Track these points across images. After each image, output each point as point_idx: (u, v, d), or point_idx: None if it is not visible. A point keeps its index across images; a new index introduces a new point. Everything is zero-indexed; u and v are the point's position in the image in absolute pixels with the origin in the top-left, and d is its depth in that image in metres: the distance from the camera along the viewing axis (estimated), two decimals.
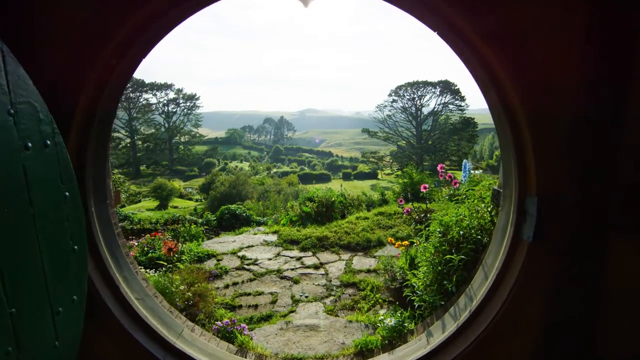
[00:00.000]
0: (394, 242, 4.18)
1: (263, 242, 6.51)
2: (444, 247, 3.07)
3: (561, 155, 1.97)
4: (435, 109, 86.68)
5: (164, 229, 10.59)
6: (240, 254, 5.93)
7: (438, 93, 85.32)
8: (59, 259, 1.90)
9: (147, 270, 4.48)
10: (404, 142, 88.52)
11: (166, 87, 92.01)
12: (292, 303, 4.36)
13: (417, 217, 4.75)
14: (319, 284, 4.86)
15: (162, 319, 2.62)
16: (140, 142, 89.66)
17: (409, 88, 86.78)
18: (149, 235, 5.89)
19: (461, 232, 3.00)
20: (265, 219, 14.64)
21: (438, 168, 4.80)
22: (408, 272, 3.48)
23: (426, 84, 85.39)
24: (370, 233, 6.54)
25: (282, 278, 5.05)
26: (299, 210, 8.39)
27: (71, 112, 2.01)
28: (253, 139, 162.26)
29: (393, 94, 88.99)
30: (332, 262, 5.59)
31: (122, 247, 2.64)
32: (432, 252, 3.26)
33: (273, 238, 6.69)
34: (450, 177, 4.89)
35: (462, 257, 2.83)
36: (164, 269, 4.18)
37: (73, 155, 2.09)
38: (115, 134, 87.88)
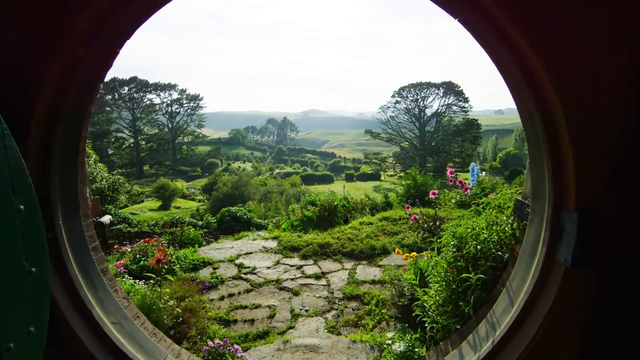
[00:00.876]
0: (401, 253, 3.87)
1: (262, 248, 6.21)
2: (459, 264, 2.75)
3: (609, 162, 1.66)
4: (439, 110, 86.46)
5: (162, 232, 10.32)
6: (237, 261, 5.63)
7: (441, 94, 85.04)
8: (10, 284, 1.61)
9: (137, 281, 4.18)
10: (407, 143, 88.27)
11: (170, 87, 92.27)
12: (291, 318, 4.05)
13: (425, 226, 4.42)
14: (320, 296, 4.55)
15: (142, 345, 2.32)
16: (143, 142, 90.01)
17: (412, 89, 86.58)
18: (142, 241, 5.61)
19: (478, 247, 2.68)
20: (266, 221, 14.35)
21: (448, 172, 4.47)
22: (418, 289, 3.17)
23: (429, 85, 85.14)
24: (374, 240, 6.22)
25: (281, 289, 4.74)
26: (300, 214, 8.09)
27: (29, 111, 1.72)
28: (256, 140, 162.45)
29: (396, 95, 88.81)
30: (334, 271, 5.28)
31: (98, 264, 2.35)
32: (445, 267, 2.94)
33: (273, 244, 6.39)
34: (460, 182, 4.56)
35: (481, 276, 2.51)
36: (152, 281, 3.88)
37: (33, 160, 1.80)
38: (119, 134, 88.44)
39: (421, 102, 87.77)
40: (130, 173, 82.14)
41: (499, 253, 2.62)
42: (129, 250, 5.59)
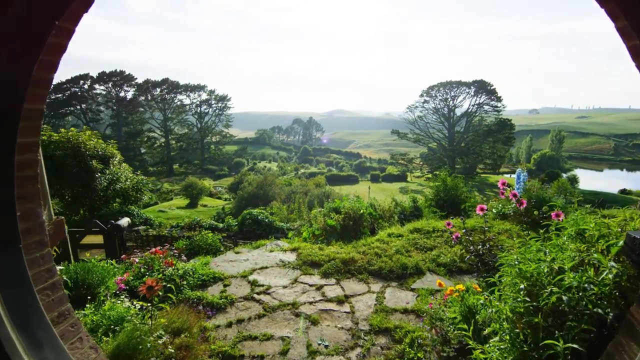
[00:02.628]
0: (444, 286, 3.12)
1: (279, 262, 5.60)
2: (535, 320, 1.99)
3: None
4: (469, 110, 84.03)
5: (181, 235, 10.00)
6: (251, 277, 5.05)
7: (472, 93, 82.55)
8: None
9: (135, 302, 3.67)
10: (435, 144, 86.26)
11: (199, 88, 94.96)
12: (308, 355, 3.40)
13: (471, 249, 3.60)
14: (342, 327, 3.87)
15: None
16: (174, 142, 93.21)
17: (441, 88, 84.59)
18: (149, 253, 5.14)
19: (565, 298, 1.92)
20: (288, 225, 13.85)
21: (499, 184, 3.63)
22: (470, 342, 2.43)
23: (460, 84, 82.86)
24: (405, 256, 5.47)
25: (297, 315, 4.10)
26: (322, 222, 7.44)
27: None
28: (282, 140, 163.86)
29: (425, 95, 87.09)
30: (359, 294, 4.58)
31: (51, 309, 1.79)
32: (511, 317, 2.19)
33: (291, 258, 5.77)
34: (514, 195, 3.72)
35: (574, 346, 1.75)
36: (143, 311, 3.34)
37: None
38: (151, 134, 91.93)
39: (451, 102, 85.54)
40: (161, 171, 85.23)
41: (598, 310, 1.84)
42: (137, 261, 5.14)
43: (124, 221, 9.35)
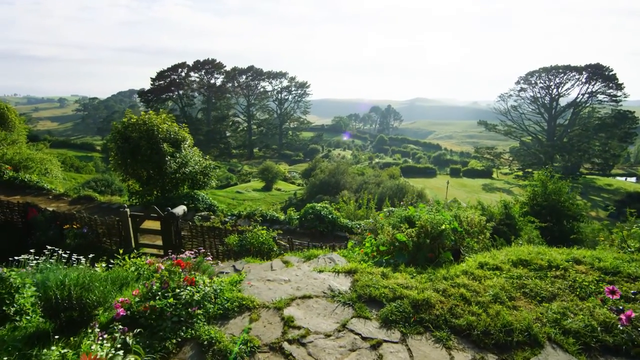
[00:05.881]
0: None
1: (328, 291, 4.29)
2: None
3: None
4: (578, 100, 72.45)
5: (234, 229, 9.33)
6: (287, 311, 3.83)
7: (584, 80, 70.67)
8: None
9: (132, 340, 2.69)
10: (530, 137, 76.53)
11: (281, 75, 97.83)
12: None
13: None
14: None
15: None
16: (255, 127, 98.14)
17: (543, 74, 74.06)
18: (171, 261, 4.24)
19: None
20: (353, 223, 12.51)
21: None
22: None
23: (568, 68, 71.42)
24: (509, 309, 3.72)
25: None
26: (390, 234, 5.90)
27: None
28: (358, 127, 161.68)
29: (522, 82, 77.38)
30: None
31: None
32: None
33: (344, 285, 4.41)
34: None
35: None
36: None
37: None
38: (236, 119, 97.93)
39: (554, 90, 74.58)
40: (242, 154, 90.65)
41: None
42: (162, 268, 4.29)
43: (179, 209, 8.95)
